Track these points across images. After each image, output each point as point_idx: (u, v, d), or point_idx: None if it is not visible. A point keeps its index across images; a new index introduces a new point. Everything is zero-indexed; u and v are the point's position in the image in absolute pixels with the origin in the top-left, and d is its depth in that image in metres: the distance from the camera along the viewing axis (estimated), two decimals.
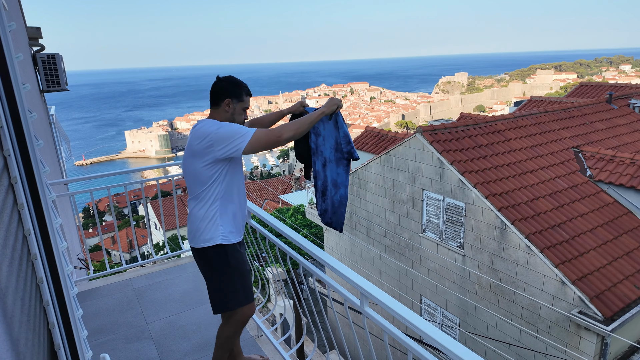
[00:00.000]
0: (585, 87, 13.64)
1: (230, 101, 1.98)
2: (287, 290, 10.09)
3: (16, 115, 1.15)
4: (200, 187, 1.95)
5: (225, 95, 1.97)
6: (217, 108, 2.00)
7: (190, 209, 2.02)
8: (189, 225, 2.04)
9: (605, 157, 7.81)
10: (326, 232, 11.46)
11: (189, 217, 2.04)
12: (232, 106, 1.99)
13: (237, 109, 2.00)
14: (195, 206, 1.98)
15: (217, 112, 2.00)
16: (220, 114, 2.00)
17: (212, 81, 2.03)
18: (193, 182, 1.96)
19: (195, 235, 2.00)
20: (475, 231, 7.00)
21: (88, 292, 3.44)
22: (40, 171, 1.25)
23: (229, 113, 2.00)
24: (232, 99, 1.98)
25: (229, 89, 1.98)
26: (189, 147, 1.96)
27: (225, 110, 1.99)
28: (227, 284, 2.00)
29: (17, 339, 1.01)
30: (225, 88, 1.98)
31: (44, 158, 2.31)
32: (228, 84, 1.98)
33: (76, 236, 5.14)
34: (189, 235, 2.04)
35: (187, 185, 2.03)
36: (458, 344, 1.28)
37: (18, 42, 3.28)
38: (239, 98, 1.99)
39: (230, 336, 2.09)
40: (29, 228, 1.22)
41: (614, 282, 5.90)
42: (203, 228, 1.96)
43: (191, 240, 2.02)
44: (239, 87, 2.00)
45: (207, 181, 1.93)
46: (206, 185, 1.93)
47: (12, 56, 1.12)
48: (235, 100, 1.99)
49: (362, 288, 1.61)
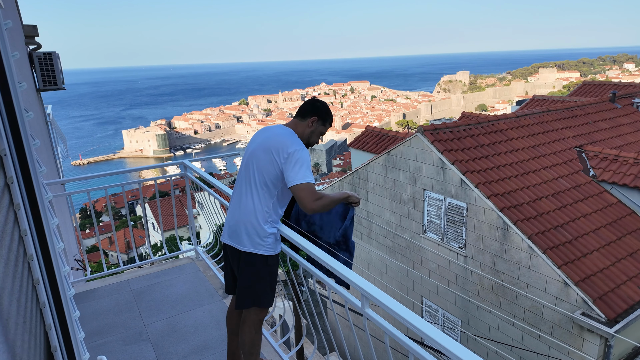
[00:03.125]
0: (589, 86, 13.57)
1: (315, 120, 2.18)
2: (286, 291, 10.07)
3: (12, 114, 1.14)
4: (265, 189, 2.07)
5: (315, 113, 2.17)
6: (302, 120, 2.18)
7: (247, 202, 2.08)
8: (242, 216, 2.08)
9: (608, 157, 7.76)
10: None
11: (245, 209, 2.08)
12: (314, 126, 2.18)
13: (317, 130, 2.20)
14: (255, 204, 2.07)
15: (300, 123, 2.18)
16: (300, 127, 2.17)
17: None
18: (259, 178, 2.07)
19: (248, 236, 2.06)
20: (477, 232, 6.96)
21: (85, 294, 3.43)
22: (36, 171, 1.24)
23: (309, 130, 2.18)
24: (318, 119, 2.18)
25: (321, 110, 2.19)
26: (265, 142, 2.09)
27: (308, 125, 2.17)
28: (262, 284, 2.12)
29: (14, 340, 1.00)
30: (318, 108, 2.18)
31: (41, 158, 2.30)
32: (322, 106, 2.20)
33: (73, 237, 5.14)
34: (237, 228, 2.09)
35: (247, 176, 2.11)
36: (460, 346, 1.28)
37: (14, 41, 3.27)
38: (323, 122, 2.20)
39: (254, 338, 2.15)
40: (25, 228, 1.21)
41: (618, 284, 5.86)
42: (258, 232, 2.06)
43: (238, 236, 2.09)
44: (328, 115, 2.21)
45: (273, 187, 2.07)
46: (271, 191, 2.07)
47: (8, 54, 1.11)
48: (320, 122, 2.19)
49: (363, 289, 1.60)
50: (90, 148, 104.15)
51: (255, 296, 2.11)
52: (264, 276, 2.11)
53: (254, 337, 2.15)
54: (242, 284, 2.12)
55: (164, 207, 24.84)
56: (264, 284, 2.12)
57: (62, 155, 5.82)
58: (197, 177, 3.82)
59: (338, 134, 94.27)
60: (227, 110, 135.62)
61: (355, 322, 2.15)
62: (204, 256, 3.98)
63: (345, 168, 63.57)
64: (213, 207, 3.81)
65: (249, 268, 2.09)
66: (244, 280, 2.11)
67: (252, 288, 2.11)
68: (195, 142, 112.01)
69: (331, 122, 2.24)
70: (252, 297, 2.11)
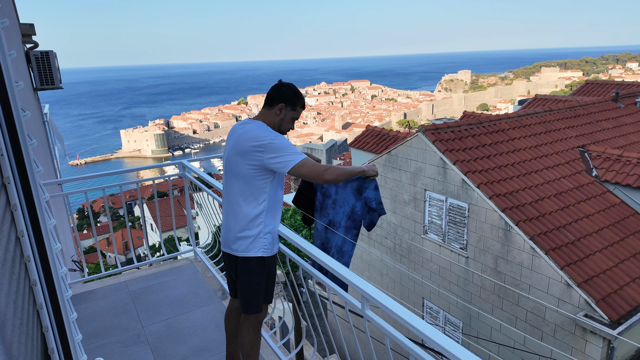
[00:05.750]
0: (591, 85, 13.51)
1: (283, 107, 2.03)
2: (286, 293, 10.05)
3: (9, 113, 1.14)
4: (250, 190, 1.98)
5: (281, 100, 2.02)
6: (269, 109, 2.04)
7: (235, 208, 2.03)
8: (234, 223, 2.04)
9: (611, 157, 7.72)
10: None
11: (234, 215, 2.04)
12: (284, 112, 2.04)
13: (287, 116, 2.05)
14: (243, 208, 2.00)
15: (268, 113, 2.04)
16: (269, 116, 2.04)
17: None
18: (242, 181, 1.98)
19: (242, 241, 2.01)
20: (478, 232, 6.94)
21: (82, 295, 3.41)
22: (33, 171, 1.23)
23: (279, 118, 2.04)
24: (286, 105, 2.04)
25: (286, 94, 2.03)
26: (236, 144, 1.98)
27: (276, 114, 2.03)
28: (258, 286, 2.08)
29: (10, 342, 0.99)
30: (284, 93, 2.03)
31: (38, 157, 2.29)
32: (287, 90, 2.04)
33: (70, 237, 5.12)
34: (231, 234, 2.04)
35: (229, 182, 2.04)
36: (461, 348, 1.27)
37: (11, 39, 3.27)
38: (292, 107, 2.05)
39: (253, 340, 2.12)
40: (22, 229, 1.20)
41: (621, 285, 5.83)
42: (250, 236, 2.00)
43: (232, 243, 2.04)
44: (296, 97, 2.05)
45: (259, 187, 1.97)
46: (258, 190, 1.98)
47: (5, 53, 1.10)
48: (288, 107, 2.04)
49: (363, 290, 1.59)
50: (88, 148, 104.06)
51: (257, 300, 2.09)
52: (262, 279, 2.09)
53: (253, 339, 2.13)
54: (243, 290, 2.09)
55: (162, 208, 24.70)
56: (262, 286, 2.10)
57: (59, 155, 5.80)
58: (195, 177, 3.81)
59: (338, 134, 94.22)
60: (226, 109, 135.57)
61: (355, 323, 2.14)
62: (202, 257, 3.97)
63: None
64: (212, 207, 3.80)
65: (247, 272, 2.06)
66: (245, 285, 2.08)
67: (254, 292, 2.08)
68: (194, 142, 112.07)
69: (303, 105, 2.08)
70: (255, 301, 2.09)
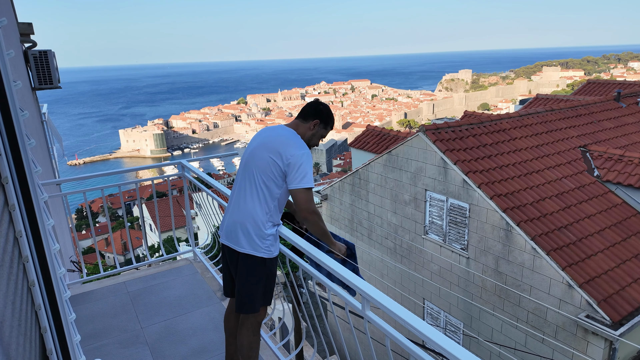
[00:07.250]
0: (593, 84, 13.48)
1: (317, 123, 2.21)
2: (285, 293, 10.05)
3: (7, 113, 1.13)
4: (264, 194, 2.05)
5: (316, 116, 2.20)
6: (304, 122, 2.21)
7: (247, 203, 2.07)
8: (241, 218, 2.07)
9: (613, 157, 7.70)
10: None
11: (245, 211, 2.07)
12: (316, 129, 2.21)
13: (318, 133, 2.23)
14: (255, 207, 2.05)
15: (302, 125, 2.21)
16: (302, 129, 2.20)
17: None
18: (260, 180, 2.05)
19: (247, 237, 2.04)
20: (479, 233, 6.92)
21: (81, 296, 3.39)
22: (31, 171, 1.22)
23: (311, 132, 2.21)
24: (320, 122, 2.21)
25: (322, 113, 2.21)
26: (268, 142, 2.08)
27: (309, 128, 2.20)
28: (255, 286, 2.09)
29: (8, 343, 0.99)
30: (321, 111, 2.21)
31: (36, 157, 2.28)
32: (324, 109, 2.23)
33: (69, 238, 5.11)
34: (237, 228, 2.06)
35: (247, 176, 2.09)
36: (462, 349, 1.26)
37: (9, 38, 3.26)
38: (325, 126, 2.24)
39: (252, 341, 2.14)
40: (20, 229, 1.20)
41: (623, 286, 5.80)
42: (257, 234, 2.04)
43: (236, 238, 2.07)
44: (330, 119, 2.24)
45: (273, 192, 2.05)
46: (271, 195, 2.05)
47: (3, 53, 1.09)
48: (321, 125, 2.22)
49: (364, 291, 1.58)
50: (86, 148, 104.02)
51: (254, 300, 2.09)
52: (261, 279, 2.09)
53: (252, 340, 2.13)
54: (240, 287, 2.10)
55: (161, 208, 24.76)
56: (262, 287, 2.10)
57: (58, 155, 5.80)
58: (195, 177, 3.80)
59: (338, 134, 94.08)
60: (226, 109, 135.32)
61: (355, 324, 2.13)
62: (202, 258, 3.96)
63: (346, 168, 63.55)
64: (211, 207, 3.80)
65: (247, 270, 2.07)
66: (242, 283, 2.09)
67: (250, 291, 2.08)
68: (193, 142, 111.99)
69: (332, 126, 2.28)
70: (251, 301, 2.09)
